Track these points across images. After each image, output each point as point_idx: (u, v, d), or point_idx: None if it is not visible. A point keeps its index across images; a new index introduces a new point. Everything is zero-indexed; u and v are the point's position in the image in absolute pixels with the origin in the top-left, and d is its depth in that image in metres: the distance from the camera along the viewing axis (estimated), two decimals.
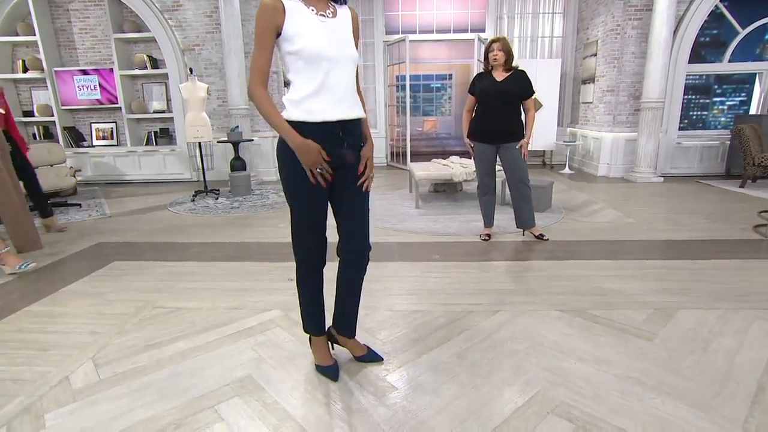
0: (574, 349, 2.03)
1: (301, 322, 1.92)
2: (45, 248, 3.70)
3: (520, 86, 3.44)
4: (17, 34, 6.80)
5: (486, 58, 3.52)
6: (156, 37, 6.84)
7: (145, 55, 7.02)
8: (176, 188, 6.62)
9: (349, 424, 1.59)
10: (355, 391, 1.77)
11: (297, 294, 1.86)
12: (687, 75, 6.53)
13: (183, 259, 3.36)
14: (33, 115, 7.16)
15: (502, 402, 1.68)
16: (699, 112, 7.83)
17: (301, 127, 1.54)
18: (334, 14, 1.60)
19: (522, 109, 3.55)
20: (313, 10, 1.55)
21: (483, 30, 8.13)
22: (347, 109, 1.60)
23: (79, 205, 5.34)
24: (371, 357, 1.96)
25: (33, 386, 1.83)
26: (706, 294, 2.58)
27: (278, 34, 1.52)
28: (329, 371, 1.86)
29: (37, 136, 7.25)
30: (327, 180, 1.61)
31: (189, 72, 6.07)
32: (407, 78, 7.50)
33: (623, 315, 2.34)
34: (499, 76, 3.47)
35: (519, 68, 3.54)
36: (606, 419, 1.57)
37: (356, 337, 1.97)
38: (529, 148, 3.59)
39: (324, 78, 1.53)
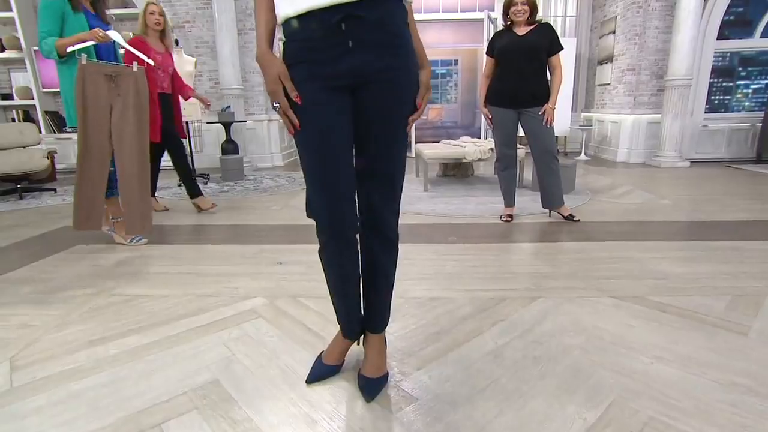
0: (646, 344, 1.53)
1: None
2: (2, 231, 3.21)
3: (545, 39, 2.95)
4: None
5: (506, 13, 3.02)
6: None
7: (131, 33, 6.52)
8: (164, 174, 6.11)
9: None
10: (359, 403, 1.27)
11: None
12: (714, 53, 6.02)
13: (160, 242, 2.87)
14: (12, 99, 6.66)
15: (565, 419, 1.18)
16: (722, 96, 7.31)
17: (288, 27, 1.06)
18: None
19: (547, 69, 3.07)
20: None
21: (492, 9, 7.64)
22: None
23: (54, 190, 4.85)
24: (370, 386, 1.31)
25: None
26: None
27: None
28: (324, 370, 1.39)
29: (17, 121, 6.75)
30: (293, 124, 1.09)
31: (175, 43, 5.56)
32: None
33: (696, 302, 1.84)
34: (521, 30, 2.99)
35: (543, 21, 3.05)
36: None
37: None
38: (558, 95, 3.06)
39: None
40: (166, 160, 3.85)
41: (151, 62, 2.90)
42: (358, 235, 1.25)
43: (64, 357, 1.53)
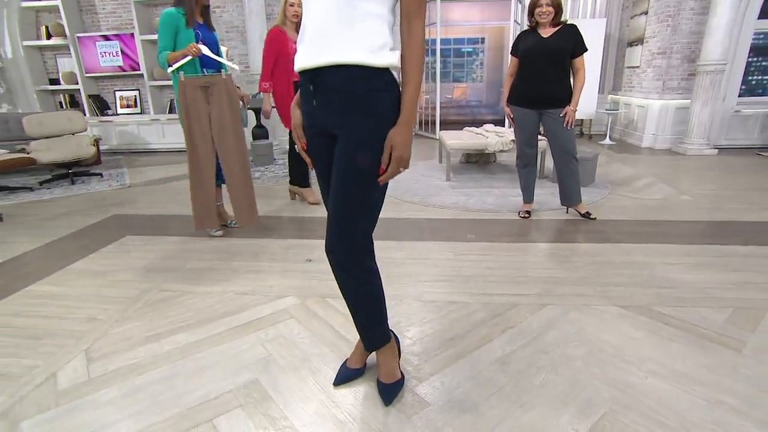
0: (644, 358, 1.64)
1: None
2: (56, 220, 3.50)
3: (569, 41, 2.92)
4: None
5: (531, 13, 3.00)
6: None
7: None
8: None
9: None
10: (378, 406, 1.44)
11: None
12: (754, 33, 5.71)
13: (195, 235, 3.08)
14: (59, 83, 6.96)
15: (559, 428, 1.32)
16: (760, 77, 6.96)
17: None
18: None
19: (571, 70, 3.05)
20: None
21: None
22: (318, 52, 1.15)
23: (101, 174, 5.15)
24: (385, 391, 1.47)
25: (17, 384, 1.58)
26: None
27: None
28: (349, 374, 1.56)
29: (64, 105, 7.08)
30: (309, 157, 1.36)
31: None
32: (437, 42, 6.91)
33: (699, 315, 1.92)
34: (546, 32, 2.97)
35: (569, 22, 3.01)
36: None
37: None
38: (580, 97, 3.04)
39: (305, 16, 1.19)
40: None
41: (236, 67, 2.99)
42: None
43: (126, 352, 1.75)
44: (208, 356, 1.71)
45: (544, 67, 2.97)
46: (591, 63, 6.66)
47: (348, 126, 1.20)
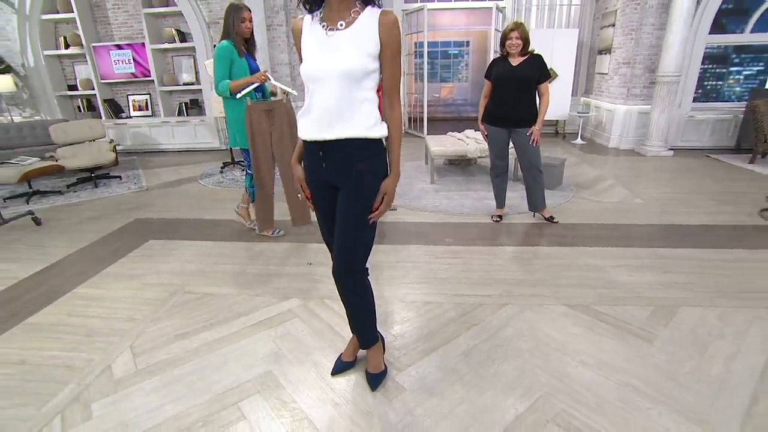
0: (579, 351, 1.94)
1: None
2: (85, 224, 3.73)
3: (535, 70, 3.16)
4: (58, 12, 6.59)
5: (503, 44, 3.22)
6: (183, 11, 6.53)
7: (173, 29, 6.76)
8: (206, 158, 6.56)
9: (360, 427, 1.57)
10: (366, 391, 1.74)
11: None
12: (706, 46, 5.95)
13: (211, 239, 3.34)
14: (77, 89, 7.08)
15: (505, 408, 1.63)
16: (715, 82, 7.22)
17: (303, 143, 1.51)
18: (349, 24, 1.35)
19: (537, 94, 3.29)
20: (324, 24, 1.37)
21: None
22: (328, 129, 1.39)
23: (120, 177, 5.35)
24: (372, 380, 1.77)
25: (81, 374, 1.86)
26: (709, 289, 2.43)
27: None
28: (337, 365, 1.85)
29: (82, 109, 7.20)
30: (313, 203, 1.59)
31: (213, 48, 5.81)
32: (425, 45, 7.07)
33: (627, 312, 2.23)
34: (515, 61, 3.20)
35: (535, 52, 3.24)
36: None
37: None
38: (544, 117, 3.30)
39: (311, 97, 1.41)
40: None
41: (295, 93, 3.17)
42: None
43: (163, 348, 2.03)
44: (229, 351, 1.99)
45: (514, 91, 3.21)
46: (564, 68, 6.92)
47: (350, 181, 1.46)
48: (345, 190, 1.48)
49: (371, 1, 1.37)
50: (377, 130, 1.42)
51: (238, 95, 2.85)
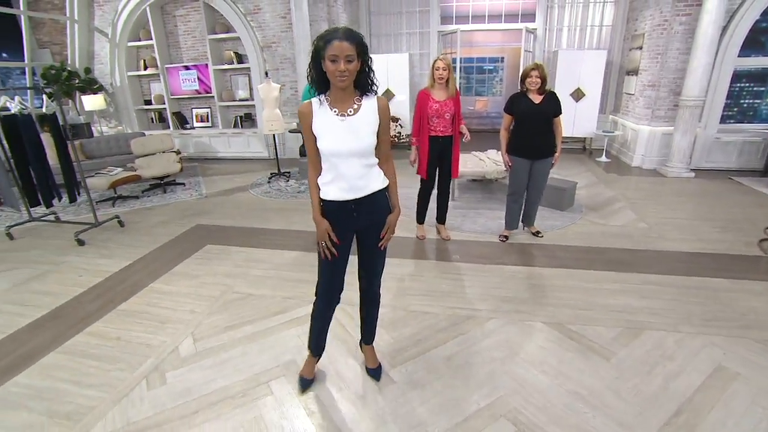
0: (543, 362, 2.29)
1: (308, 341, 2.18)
2: (158, 227, 4.43)
3: (554, 107, 3.50)
4: (140, 39, 7.56)
5: (523, 81, 3.54)
6: (240, 36, 7.26)
7: (232, 52, 7.50)
8: (256, 166, 7.25)
9: (355, 406, 2.02)
10: (364, 380, 2.19)
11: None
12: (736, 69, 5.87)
13: (257, 246, 3.91)
14: (151, 104, 8.02)
15: (469, 402, 2.02)
16: (751, 101, 7.01)
17: (325, 203, 1.85)
18: (356, 111, 1.73)
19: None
20: (335, 110, 1.80)
21: (533, 16, 7.69)
22: (359, 191, 1.81)
23: (184, 184, 6.11)
24: (373, 374, 2.20)
25: (158, 351, 2.45)
26: (678, 316, 2.66)
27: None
28: (303, 382, 2.15)
29: (154, 120, 8.14)
30: (332, 254, 1.87)
31: (265, 75, 6.47)
32: (458, 61, 7.43)
33: (596, 332, 2.53)
34: (536, 98, 3.50)
35: (551, 90, 3.55)
36: (544, 428, 1.87)
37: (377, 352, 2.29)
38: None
39: (336, 170, 1.77)
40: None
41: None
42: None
43: (215, 336, 2.58)
44: (265, 342, 2.51)
45: (540, 125, 3.53)
46: (592, 87, 7.01)
47: (375, 222, 1.90)
48: (372, 229, 1.90)
49: (367, 91, 1.79)
50: (384, 181, 1.87)
51: None
